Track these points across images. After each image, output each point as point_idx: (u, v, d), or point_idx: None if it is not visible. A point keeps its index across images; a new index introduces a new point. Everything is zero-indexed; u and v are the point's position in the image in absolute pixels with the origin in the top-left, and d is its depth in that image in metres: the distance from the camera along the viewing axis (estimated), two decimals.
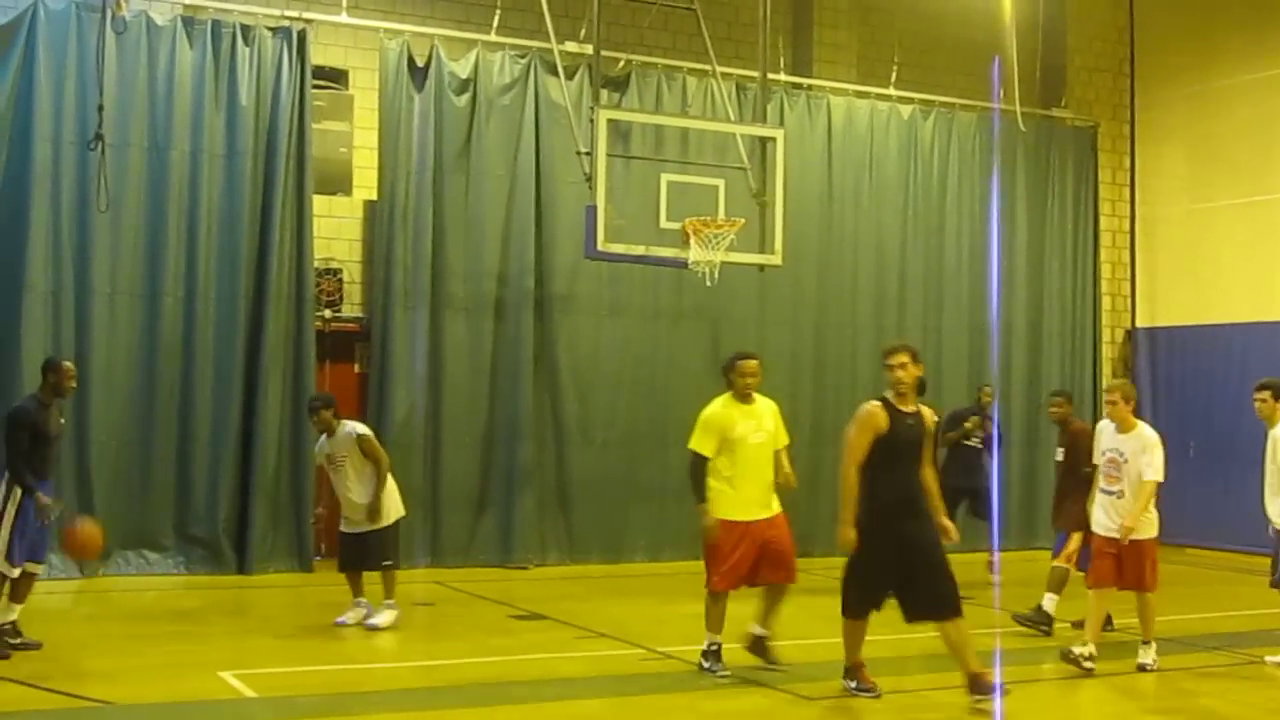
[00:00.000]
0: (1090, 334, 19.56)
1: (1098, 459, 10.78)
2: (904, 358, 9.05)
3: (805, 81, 17.76)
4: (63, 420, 10.72)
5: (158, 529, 14.33)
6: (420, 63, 15.57)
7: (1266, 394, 10.77)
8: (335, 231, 15.77)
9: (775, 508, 10.05)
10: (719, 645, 9.83)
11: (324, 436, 11.60)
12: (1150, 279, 20.13)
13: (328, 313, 15.47)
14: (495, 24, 15.92)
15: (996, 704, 8.69)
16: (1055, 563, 11.96)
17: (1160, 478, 10.35)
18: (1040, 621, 11.71)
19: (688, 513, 16.53)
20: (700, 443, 9.84)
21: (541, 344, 16.04)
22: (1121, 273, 20.40)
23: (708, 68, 16.12)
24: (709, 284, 14.24)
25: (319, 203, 15.23)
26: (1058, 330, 19.18)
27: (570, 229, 15.49)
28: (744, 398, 9.89)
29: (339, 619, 11.55)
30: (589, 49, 15.08)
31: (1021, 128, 18.73)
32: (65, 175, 14.01)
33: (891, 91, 18.19)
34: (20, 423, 10.02)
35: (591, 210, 13.77)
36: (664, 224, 14.30)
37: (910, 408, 9.04)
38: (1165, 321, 19.79)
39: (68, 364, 10.62)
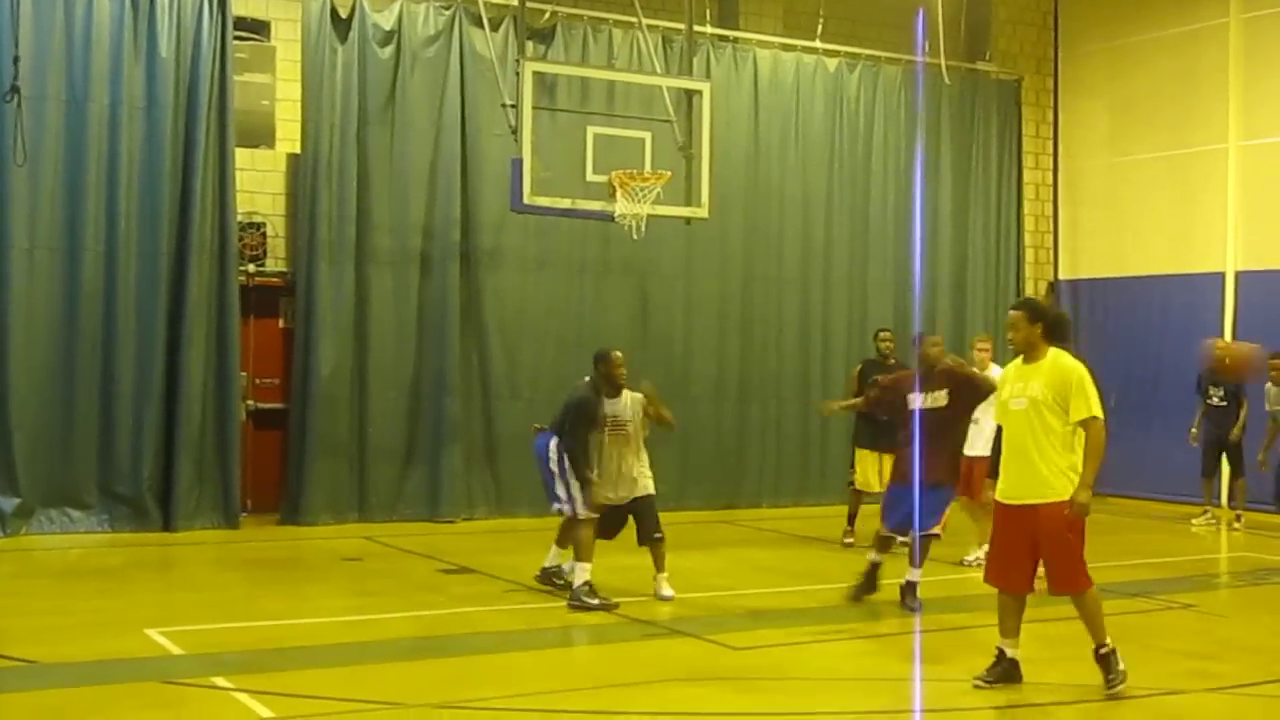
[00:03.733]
0: (1013, 286, 19.70)
1: None
2: None
3: (731, 34, 17.73)
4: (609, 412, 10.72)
5: (81, 487, 14.17)
6: (343, 14, 15.38)
7: None
8: (258, 185, 15.59)
9: (1033, 495, 8.02)
10: (1001, 651, 8.23)
11: (606, 398, 10.80)
12: (1072, 231, 20.32)
13: (251, 267, 15.32)
14: None
15: None
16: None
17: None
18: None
19: None
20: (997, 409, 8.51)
21: (468, 298, 15.97)
22: (1044, 225, 20.58)
23: (634, 20, 16.05)
24: (636, 237, 14.21)
25: (241, 156, 15.05)
26: (981, 282, 19.31)
27: (496, 182, 15.42)
28: (1025, 356, 8.21)
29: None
30: (514, 1, 14.96)
31: (946, 81, 18.82)
32: None
33: (817, 44, 18.18)
34: (583, 412, 10.44)
35: (517, 163, 13.70)
36: (590, 177, 14.26)
37: None
38: (1087, 273, 20.00)
39: (616, 354, 10.73)
